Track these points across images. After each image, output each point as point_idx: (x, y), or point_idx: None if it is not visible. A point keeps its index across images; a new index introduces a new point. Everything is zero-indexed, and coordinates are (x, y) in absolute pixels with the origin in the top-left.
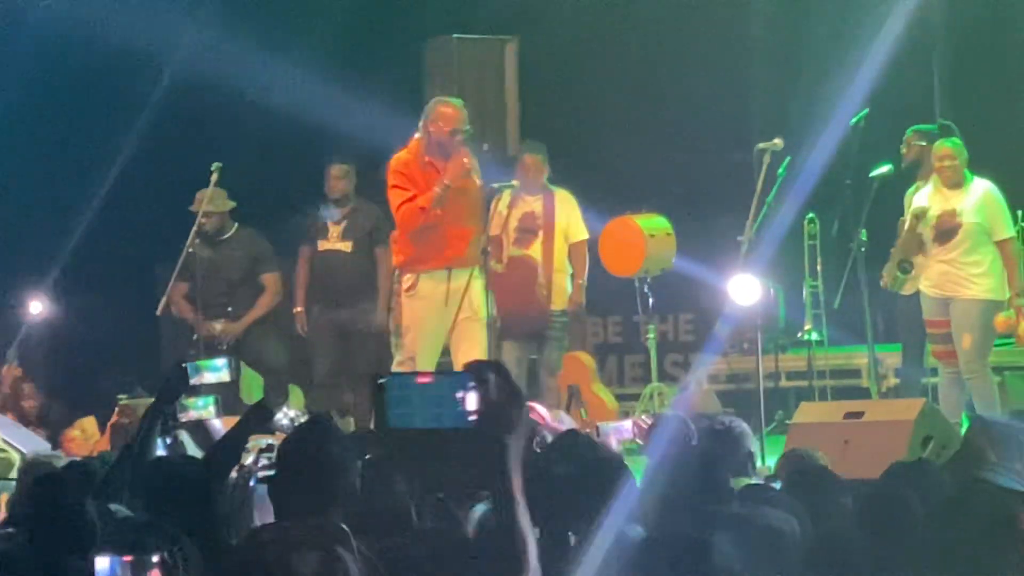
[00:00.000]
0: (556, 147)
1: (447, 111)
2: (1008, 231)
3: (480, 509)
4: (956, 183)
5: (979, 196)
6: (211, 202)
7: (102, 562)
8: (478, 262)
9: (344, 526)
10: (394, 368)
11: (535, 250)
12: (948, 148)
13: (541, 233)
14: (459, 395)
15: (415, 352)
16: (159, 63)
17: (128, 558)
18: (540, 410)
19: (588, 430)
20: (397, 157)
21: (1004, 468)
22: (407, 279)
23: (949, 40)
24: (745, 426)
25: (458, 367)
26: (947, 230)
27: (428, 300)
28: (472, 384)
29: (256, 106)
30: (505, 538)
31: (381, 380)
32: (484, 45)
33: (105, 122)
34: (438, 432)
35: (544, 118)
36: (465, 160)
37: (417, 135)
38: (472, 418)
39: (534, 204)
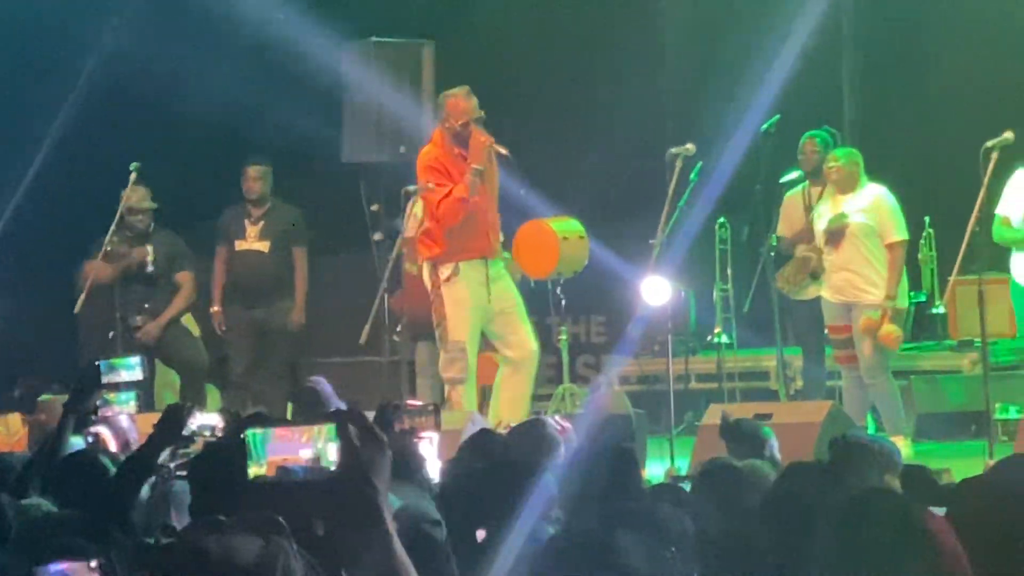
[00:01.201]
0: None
1: (457, 104)
2: (898, 235)
3: None
4: (847, 188)
5: (870, 199)
6: (141, 200)
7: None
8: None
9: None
10: (444, 362)
11: None
12: (834, 155)
13: None
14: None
15: (464, 338)
16: (77, 64)
17: (66, 565)
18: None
19: (502, 430)
20: (425, 152)
21: (856, 482)
22: (445, 270)
23: (858, 46)
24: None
25: (507, 352)
26: (836, 232)
27: (469, 284)
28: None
29: (175, 107)
30: (388, 574)
31: (243, 435)
32: (401, 48)
33: (22, 121)
34: (304, 483)
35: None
36: (483, 139)
37: (438, 128)
38: (334, 468)
39: None
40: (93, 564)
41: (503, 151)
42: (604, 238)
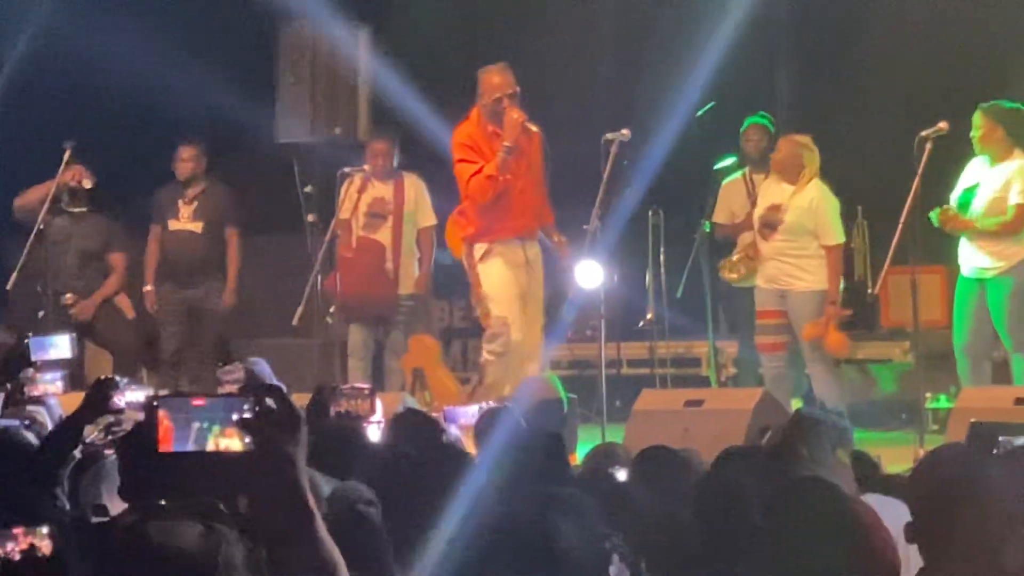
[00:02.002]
0: (407, 133)
1: (491, 80)
2: (835, 238)
3: None
4: (789, 177)
5: (809, 199)
6: (78, 178)
7: None
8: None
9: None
10: (487, 336)
11: (384, 235)
12: (785, 142)
13: (390, 218)
14: (235, 416)
15: (506, 314)
16: (5, 44)
17: (19, 529)
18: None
19: (435, 413)
20: (459, 130)
21: (816, 464)
22: (479, 248)
23: (792, 34)
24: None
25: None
26: (769, 223)
27: (506, 264)
28: (250, 405)
29: (107, 87)
30: (313, 555)
31: (155, 403)
32: (337, 30)
33: None
34: (216, 455)
35: (395, 104)
36: (515, 115)
37: (476, 105)
38: (248, 440)
39: (384, 189)
40: (45, 531)
41: (533, 128)
42: None
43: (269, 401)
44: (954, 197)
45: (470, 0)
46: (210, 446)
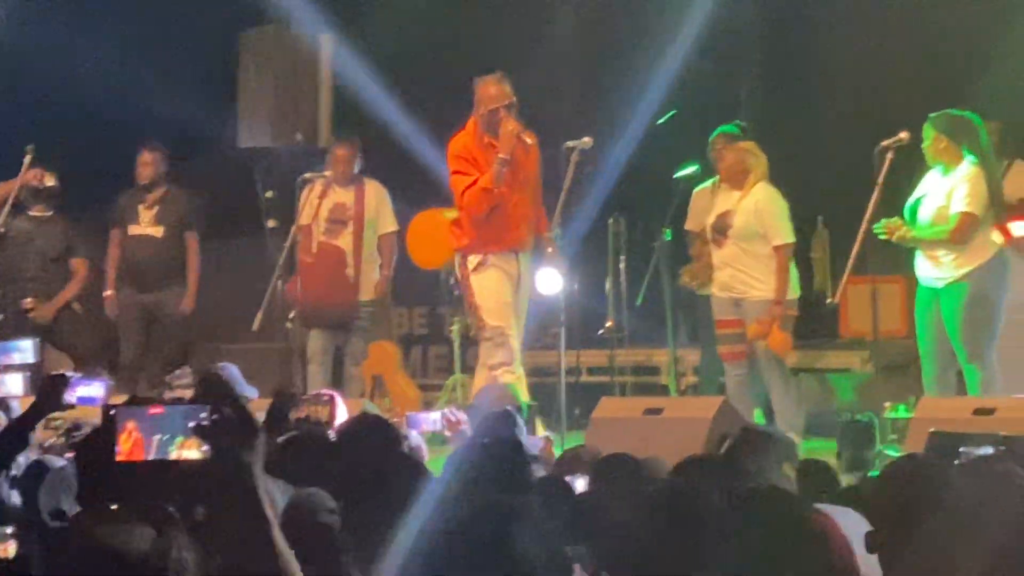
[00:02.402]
0: (368, 139)
1: (487, 90)
2: (783, 237)
3: None
4: (737, 184)
5: (755, 201)
6: (42, 179)
7: None
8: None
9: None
10: (486, 350)
11: (345, 240)
12: (729, 151)
13: (351, 224)
14: (192, 424)
15: (502, 324)
16: None
17: None
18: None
19: (396, 419)
20: (455, 140)
21: (762, 478)
22: (473, 259)
23: (755, 43)
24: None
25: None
26: (720, 229)
27: (500, 274)
28: (207, 414)
29: (69, 91)
30: (269, 563)
31: (111, 411)
32: (299, 36)
33: None
34: (173, 464)
35: (357, 110)
36: (511, 127)
37: (472, 115)
38: (206, 448)
39: (345, 195)
40: (9, 531)
41: (529, 140)
42: None
43: (226, 410)
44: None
45: (433, 8)
46: (172, 456)
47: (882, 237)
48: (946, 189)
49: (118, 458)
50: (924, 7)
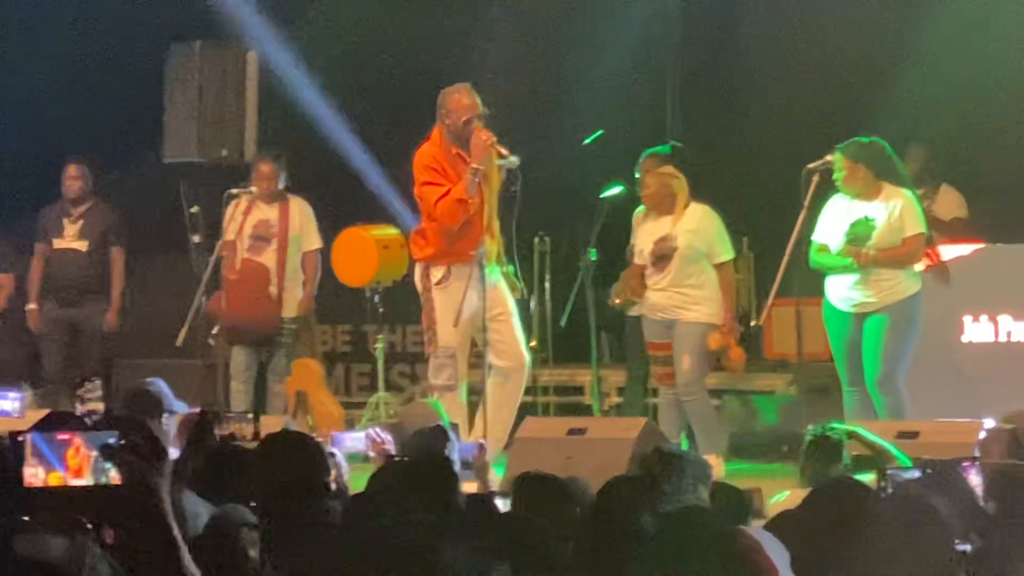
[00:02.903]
0: (293, 156)
1: (459, 100)
2: (726, 254)
3: None
4: (664, 209)
5: (695, 220)
6: None
7: None
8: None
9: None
10: (433, 368)
11: (268, 257)
12: (650, 177)
13: (275, 241)
14: (101, 448)
15: (454, 344)
16: None
17: None
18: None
19: (322, 438)
20: (423, 151)
21: (675, 500)
22: (437, 272)
23: (682, 64)
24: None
25: (504, 358)
26: (663, 254)
27: (462, 292)
28: (115, 439)
29: None
30: None
31: (20, 438)
32: (226, 52)
33: None
34: (82, 488)
35: (283, 127)
36: (484, 137)
37: (437, 126)
38: (114, 475)
39: (269, 212)
40: None
41: (504, 152)
42: None
43: (134, 434)
44: (830, 233)
45: (357, 24)
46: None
47: (830, 264)
48: (889, 213)
49: (66, 473)
50: (851, 31)
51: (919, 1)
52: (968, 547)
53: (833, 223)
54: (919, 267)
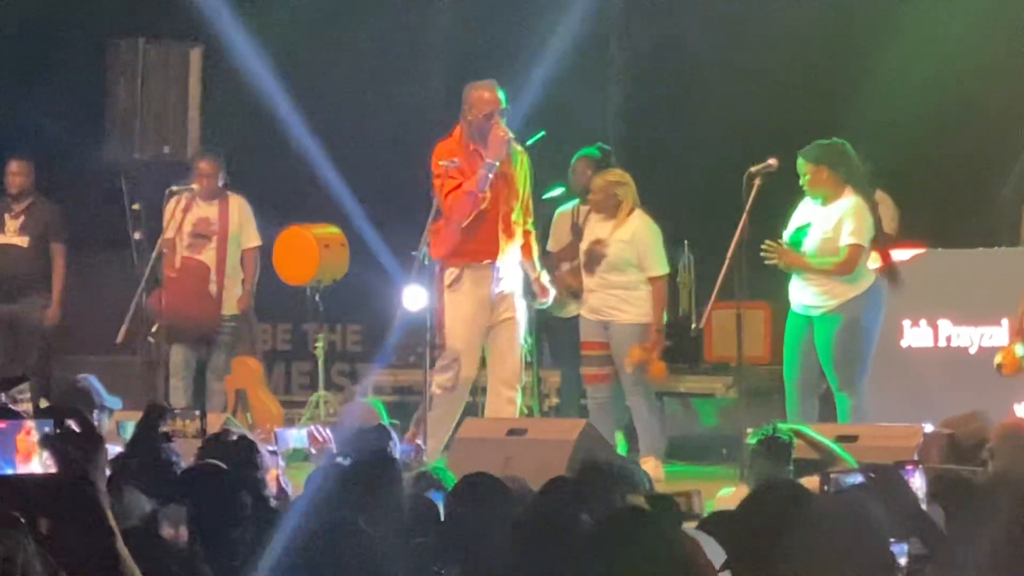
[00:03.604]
0: (235, 154)
1: (482, 95)
2: (659, 269)
3: None
4: (607, 213)
5: (632, 231)
6: None
7: None
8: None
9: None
10: (438, 367)
11: (208, 255)
12: (598, 181)
13: (215, 239)
14: (38, 437)
15: (459, 351)
16: None
17: None
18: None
19: (264, 436)
20: (441, 145)
21: (601, 504)
22: (450, 273)
23: (625, 66)
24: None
25: (495, 367)
26: (593, 258)
27: (473, 296)
28: (50, 429)
29: None
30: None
31: None
32: (169, 49)
33: None
34: (16, 477)
35: (225, 124)
36: (501, 132)
37: (459, 121)
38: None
39: (208, 209)
40: None
41: (519, 148)
42: (366, 246)
43: (70, 423)
44: (787, 236)
45: (299, 20)
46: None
47: (770, 261)
48: (832, 220)
49: (16, 456)
50: (794, 33)
51: (862, 6)
52: (906, 549)
53: (792, 224)
54: (875, 264)
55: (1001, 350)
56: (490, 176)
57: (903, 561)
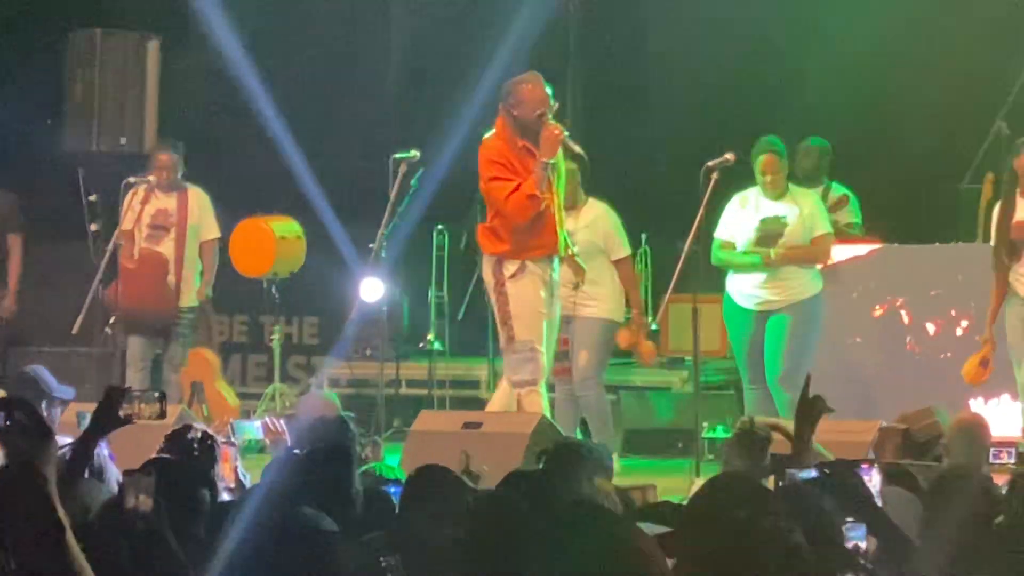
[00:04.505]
0: (193, 146)
1: (533, 92)
2: (623, 250)
3: None
4: (568, 205)
5: (592, 216)
6: None
7: None
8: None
9: None
10: (513, 364)
11: (166, 247)
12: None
13: (173, 230)
14: None
15: (533, 337)
16: None
17: None
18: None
19: (219, 427)
20: (488, 145)
21: (575, 492)
22: (510, 266)
23: (582, 59)
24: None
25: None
26: None
27: (539, 285)
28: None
29: None
30: (62, 566)
31: None
32: (127, 41)
33: None
34: None
35: (182, 117)
36: (556, 131)
37: (500, 116)
38: None
39: (167, 201)
40: None
41: (577, 149)
42: (324, 239)
43: (19, 414)
44: (737, 230)
45: (259, 13)
46: None
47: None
48: (803, 212)
49: None
50: (753, 28)
51: (819, 1)
52: (861, 545)
53: (740, 221)
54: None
55: (968, 361)
56: (547, 176)
57: (863, 545)
